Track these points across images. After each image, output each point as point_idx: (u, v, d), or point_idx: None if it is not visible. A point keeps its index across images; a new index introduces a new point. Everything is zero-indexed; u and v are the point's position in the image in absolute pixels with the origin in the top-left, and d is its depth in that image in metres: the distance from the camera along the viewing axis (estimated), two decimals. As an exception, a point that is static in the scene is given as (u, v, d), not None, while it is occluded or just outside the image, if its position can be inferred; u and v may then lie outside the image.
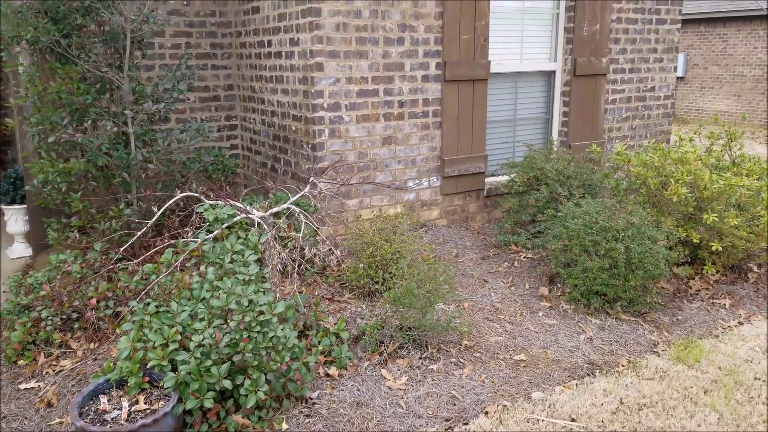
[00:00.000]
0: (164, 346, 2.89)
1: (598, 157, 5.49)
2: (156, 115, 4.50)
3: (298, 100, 4.98)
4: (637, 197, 4.93)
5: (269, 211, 3.85)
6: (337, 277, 4.43)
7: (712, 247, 4.37)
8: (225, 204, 3.85)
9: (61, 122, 4.18)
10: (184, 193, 3.96)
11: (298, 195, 4.01)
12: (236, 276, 3.32)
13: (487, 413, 3.07)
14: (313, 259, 4.24)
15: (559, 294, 4.38)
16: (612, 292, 4.08)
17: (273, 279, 3.65)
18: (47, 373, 3.41)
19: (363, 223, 5.04)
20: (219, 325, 2.94)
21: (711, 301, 4.40)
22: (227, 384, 2.77)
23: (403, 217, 4.64)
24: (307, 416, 3.02)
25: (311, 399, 3.13)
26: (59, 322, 3.64)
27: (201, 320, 2.99)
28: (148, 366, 2.85)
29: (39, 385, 3.31)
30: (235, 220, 3.80)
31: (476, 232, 5.58)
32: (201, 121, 5.98)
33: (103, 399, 2.74)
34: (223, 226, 3.77)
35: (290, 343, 2.97)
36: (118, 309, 3.73)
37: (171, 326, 2.97)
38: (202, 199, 3.85)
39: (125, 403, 2.71)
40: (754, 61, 15.71)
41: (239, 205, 3.81)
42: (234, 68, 6.10)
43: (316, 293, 4.17)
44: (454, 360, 3.53)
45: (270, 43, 5.32)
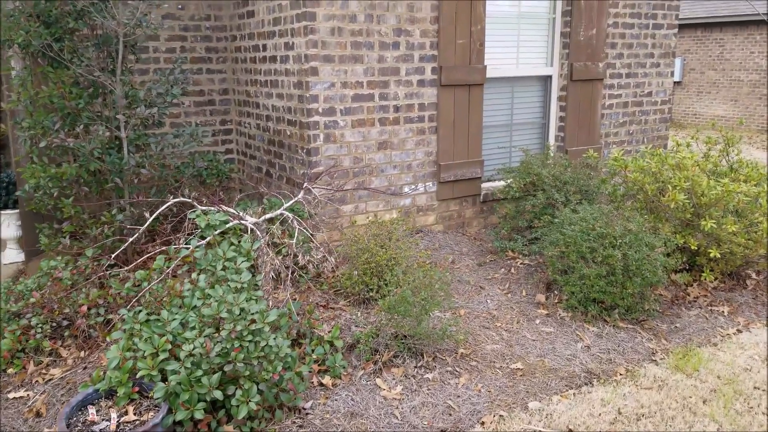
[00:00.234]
0: (154, 355, 2.84)
1: (595, 163, 5.45)
2: (149, 120, 4.45)
3: (293, 105, 4.94)
4: (634, 203, 4.89)
5: (263, 217, 3.81)
6: (332, 284, 4.38)
7: (710, 254, 4.33)
8: (218, 210, 3.80)
9: (53, 127, 4.14)
10: (177, 199, 3.91)
11: (293, 200, 3.97)
12: (228, 284, 3.28)
13: (483, 424, 3.02)
14: (307, 265, 4.20)
15: (557, 301, 4.34)
16: (609, 300, 4.04)
17: (266, 286, 3.60)
18: (36, 381, 3.36)
19: (358, 229, 5.00)
20: (210, 334, 2.89)
21: (709, 308, 4.36)
22: (218, 394, 2.72)
23: (398, 222, 4.59)
24: (300, 427, 2.97)
25: (304, 409, 3.08)
26: (49, 330, 3.58)
27: (192, 329, 2.94)
28: (138, 376, 2.80)
29: (28, 395, 3.25)
30: (228, 226, 3.75)
31: (472, 237, 5.54)
32: (196, 125, 5.94)
33: (92, 410, 2.69)
34: (216, 233, 3.73)
35: (283, 353, 2.92)
36: (109, 316, 3.67)
37: (161, 335, 2.92)
38: (195, 204, 3.81)
39: (114, 414, 2.66)
40: (751, 66, 15.73)
41: (232, 211, 3.76)
42: (229, 72, 6.06)
43: (310, 300, 4.12)
44: (449, 369, 3.49)
45: (265, 48, 5.28)
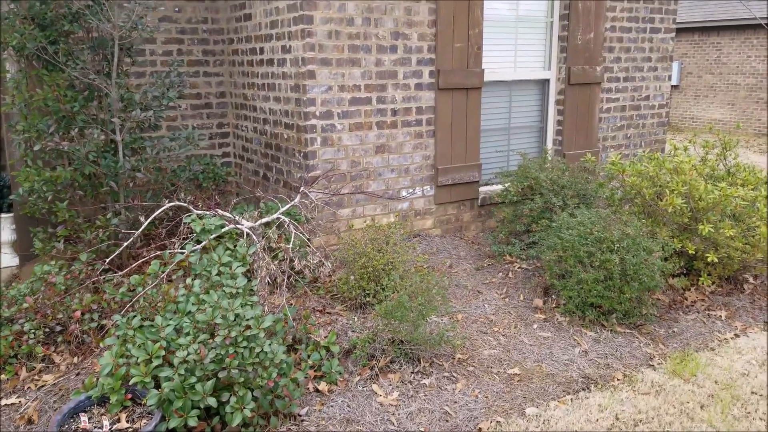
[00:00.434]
0: (147, 361, 2.80)
1: (593, 167, 5.44)
2: (145, 123, 4.42)
3: (290, 108, 4.92)
4: (632, 207, 4.88)
5: (259, 221, 3.78)
6: (329, 288, 4.35)
7: (708, 258, 4.32)
8: (213, 214, 3.77)
9: (48, 130, 4.11)
10: (173, 203, 3.88)
11: (289, 204, 3.94)
12: (223, 289, 3.25)
13: (480, 430, 3.00)
14: (303, 270, 4.17)
15: (554, 306, 4.31)
16: (607, 304, 4.02)
17: (262, 291, 3.57)
18: (29, 388, 3.32)
19: (355, 233, 4.97)
20: (204, 340, 2.86)
21: (707, 312, 4.34)
22: (212, 401, 2.69)
23: (396, 226, 4.57)
24: (296, 433, 2.94)
25: (300, 416, 3.05)
26: (42, 336, 3.55)
27: (186, 335, 2.91)
28: (131, 382, 2.77)
29: (20, 401, 3.21)
30: (224, 230, 3.72)
31: (470, 241, 5.52)
32: (193, 128, 5.91)
33: (84, 417, 2.65)
34: (212, 237, 3.70)
35: (278, 359, 2.89)
36: (103, 322, 3.64)
37: (155, 341, 2.89)
38: (191, 208, 3.77)
39: (106, 422, 2.63)
40: (748, 70, 15.76)
41: (228, 215, 3.73)
42: (226, 75, 6.04)
43: (307, 305, 4.10)
44: (446, 374, 3.46)
45: (262, 51, 5.26)
